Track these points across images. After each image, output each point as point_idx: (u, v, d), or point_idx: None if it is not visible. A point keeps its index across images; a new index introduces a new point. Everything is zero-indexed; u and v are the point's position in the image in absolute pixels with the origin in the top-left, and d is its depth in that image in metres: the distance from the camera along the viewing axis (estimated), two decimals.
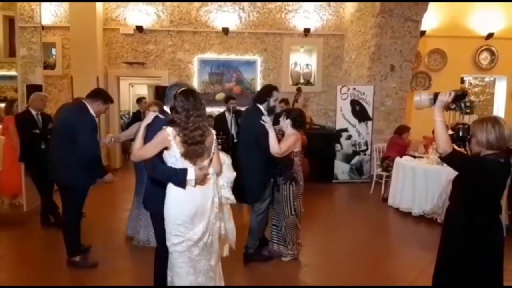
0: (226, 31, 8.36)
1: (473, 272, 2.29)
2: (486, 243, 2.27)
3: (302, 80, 8.82)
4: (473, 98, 8.19)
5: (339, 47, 8.78)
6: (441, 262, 2.46)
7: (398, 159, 5.98)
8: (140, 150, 2.52)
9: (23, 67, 5.42)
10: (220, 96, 8.39)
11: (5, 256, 4.12)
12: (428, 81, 8.78)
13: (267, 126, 3.53)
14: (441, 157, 2.33)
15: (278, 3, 8.50)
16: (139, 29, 8.24)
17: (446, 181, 4.76)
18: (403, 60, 7.59)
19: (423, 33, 8.09)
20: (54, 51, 8.33)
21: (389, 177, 6.21)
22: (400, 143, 6.37)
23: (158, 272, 2.76)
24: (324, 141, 7.57)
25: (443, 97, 2.31)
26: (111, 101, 3.87)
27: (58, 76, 8.26)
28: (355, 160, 7.72)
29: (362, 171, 7.74)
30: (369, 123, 7.66)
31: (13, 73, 5.60)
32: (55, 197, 4.53)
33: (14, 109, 5.23)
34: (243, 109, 6.52)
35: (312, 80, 8.90)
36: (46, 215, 4.82)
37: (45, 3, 7.61)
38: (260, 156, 3.65)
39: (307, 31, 8.52)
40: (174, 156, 2.44)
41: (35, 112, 4.71)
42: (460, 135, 2.38)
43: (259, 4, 8.48)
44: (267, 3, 8.48)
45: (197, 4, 8.36)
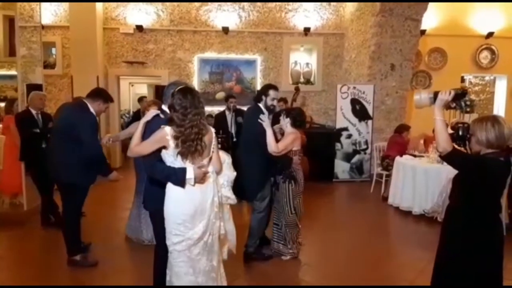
0: (226, 30, 8.36)
1: (473, 271, 2.29)
2: (486, 242, 2.27)
3: (302, 79, 8.82)
4: (473, 97, 8.17)
5: (339, 46, 8.77)
6: (441, 261, 2.46)
7: (398, 158, 5.97)
8: (137, 147, 2.51)
9: (23, 66, 5.42)
10: (221, 95, 8.42)
11: (5, 256, 4.12)
12: (428, 80, 8.77)
13: (265, 125, 3.55)
14: (441, 155, 2.33)
15: (278, 2, 8.50)
16: (139, 28, 8.23)
17: (446, 180, 4.75)
18: (403, 59, 7.59)
19: (423, 32, 8.08)
20: (54, 50, 8.33)
21: (389, 176, 6.21)
22: (400, 142, 6.37)
23: (157, 272, 2.76)
24: (324, 140, 7.57)
25: (443, 96, 2.31)
26: (111, 101, 3.87)
27: (58, 76, 8.26)
28: (355, 159, 7.72)
29: (362, 170, 7.74)
30: (369, 122, 7.66)
31: (13, 72, 5.60)
32: (55, 196, 4.53)
33: (14, 109, 5.23)
34: (243, 108, 6.57)
35: (312, 79, 8.89)
36: (46, 214, 4.81)
37: (45, 3, 7.60)
38: (260, 155, 3.65)
39: (307, 30, 8.51)
40: (172, 156, 2.43)
41: (35, 112, 4.70)
42: (460, 134, 2.38)
43: (259, 3, 8.47)
44: (267, 2, 8.48)
45: (197, 3, 8.36)
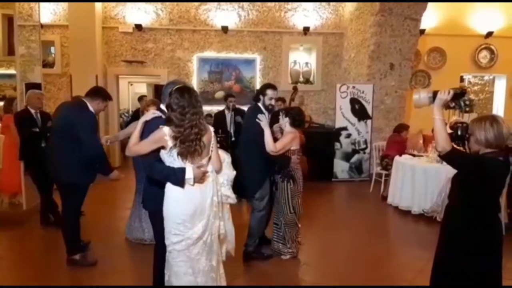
0: (225, 29, 8.35)
1: (472, 270, 2.29)
2: (485, 241, 2.27)
3: (301, 79, 8.82)
4: (472, 96, 8.18)
5: (339, 46, 8.77)
6: (440, 260, 2.46)
7: (397, 157, 5.98)
8: (135, 146, 2.51)
9: (22, 65, 5.41)
10: (220, 94, 8.41)
11: (4, 255, 4.11)
12: (428, 80, 8.78)
13: (262, 124, 3.55)
14: (440, 155, 2.33)
15: (277, 2, 8.49)
16: (138, 27, 8.22)
17: (445, 179, 4.75)
18: (403, 59, 7.59)
19: (422, 31, 8.08)
20: (53, 49, 8.32)
21: (388, 175, 6.21)
22: (399, 141, 6.38)
23: (157, 271, 2.75)
24: (323, 139, 7.57)
25: (442, 95, 2.31)
26: (110, 99, 3.86)
27: (57, 75, 8.24)
28: (355, 158, 7.72)
29: (362, 169, 7.74)
30: (369, 121, 7.66)
31: (12, 71, 5.60)
32: (55, 195, 4.52)
33: (13, 108, 5.22)
34: (242, 107, 6.58)
35: (311, 79, 8.89)
36: (45, 214, 4.81)
37: (44, 2, 7.58)
38: (258, 154, 3.66)
39: (306, 29, 8.51)
40: (171, 156, 2.42)
41: (33, 111, 4.70)
42: (459, 134, 2.39)
43: (258, 2, 8.46)
44: (266, 2, 8.47)
45: (196, 2, 8.35)
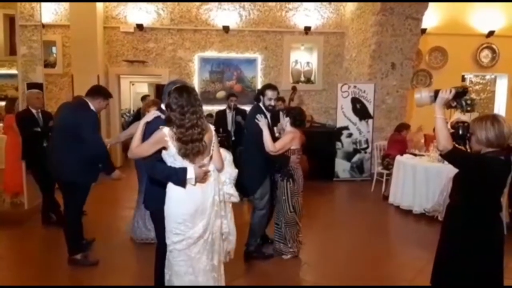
0: (226, 29, 8.35)
1: (473, 270, 2.28)
2: (486, 241, 2.27)
3: (302, 78, 8.82)
4: (474, 96, 8.17)
5: (340, 45, 8.76)
6: (441, 260, 2.46)
7: (398, 157, 5.97)
8: (137, 148, 2.51)
9: (23, 65, 5.41)
10: (221, 94, 8.42)
11: (5, 255, 4.12)
12: (429, 79, 8.76)
13: (261, 124, 3.58)
14: (441, 154, 2.33)
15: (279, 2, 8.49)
16: (140, 27, 8.23)
17: (446, 178, 4.74)
18: (404, 58, 7.58)
19: (423, 31, 8.07)
20: (54, 49, 8.32)
21: (389, 175, 6.20)
22: (400, 141, 6.37)
23: (158, 271, 2.74)
24: (324, 139, 7.56)
25: (444, 94, 2.31)
26: (111, 96, 3.88)
27: (59, 75, 8.25)
28: (356, 158, 7.72)
29: (363, 169, 7.74)
30: (370, 121, 7.65)
31: (13, 71, 5.60)
32: (57, 195, 4.53)
33: (15, 108, 5.22)
34: (243, 107, 6.58)
35: (312, 78, 8.88)
36: (47, 213, 4.82)
37: (45, 2, 7.59)
38: (259, 153, 3.68)
39: (307, 29, 8.50)
40: (172, 156, 2.42)
41: (35, 110, 4.71)
42: (460, 133, 2.39)
43: (259, 2, 8.46)
44: (267, 2, 8.46)
45: (197, 2, 8.35)
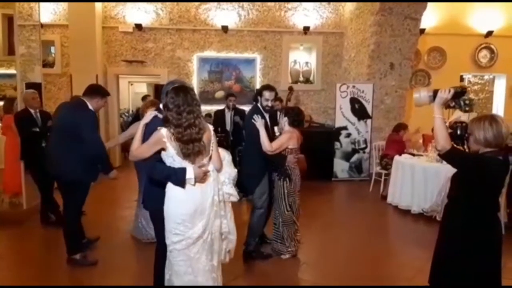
0: (225, 29, 8.35)
1: (471, 269, 2.29)
2: (485, 241, 2.28)
3: (301, 78, 8.82)
4: (472, 96, 8.18)
5: (339, 45, 8.77)
6: (439, 260, 2.46)
7: (397, 157, 5.98)
8: (137, 150, 2.52)
9: (22, 65, 5.40)
10: (220, 94, 8.42)
11: (4, 255, 4.11)
12: (428, 79, 8.78)
13: (257, 125, 3.61)
14: (440, 154, 2.34)
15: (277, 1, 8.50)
16: (138, 27, 8.22)
17: (445, 178, 4.76)
18: (403, 58, 7.59)
19: (422, 31, 8.08)
20: (53, 49, 8.31)
21: (388, 175, 6.22)
22: (398, 140, 6.38)
23: (158, 271, 2.75)
24: (323, 139, 7.57)
25: (443, 94, 2.32)
26: (108, 94, 3.90)
27: (57, 74, 8.24)
28: (355, 158, 7.72)
29: (361, 169, 7.75)
30: (369, 121, 7.66)
31: (12, 71, 5.59)
32: (56, 195, 4.53)
33: (14, 108, 5.21)
34: (242, 107, 6.58)
35: (311, 78, 8.89)
36: (46, 213, 4.82)
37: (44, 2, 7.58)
38: (256, 153, 3.70)
39: (306, 29, 8.51)
40: (171, 157, 2.43)
41: (33, 110, 4.70)
42: (458, 133, 2.39)
43: (258, 2, 8.46)
44: (266, 2, 8.46)
45: (196, 2, 8.34)
